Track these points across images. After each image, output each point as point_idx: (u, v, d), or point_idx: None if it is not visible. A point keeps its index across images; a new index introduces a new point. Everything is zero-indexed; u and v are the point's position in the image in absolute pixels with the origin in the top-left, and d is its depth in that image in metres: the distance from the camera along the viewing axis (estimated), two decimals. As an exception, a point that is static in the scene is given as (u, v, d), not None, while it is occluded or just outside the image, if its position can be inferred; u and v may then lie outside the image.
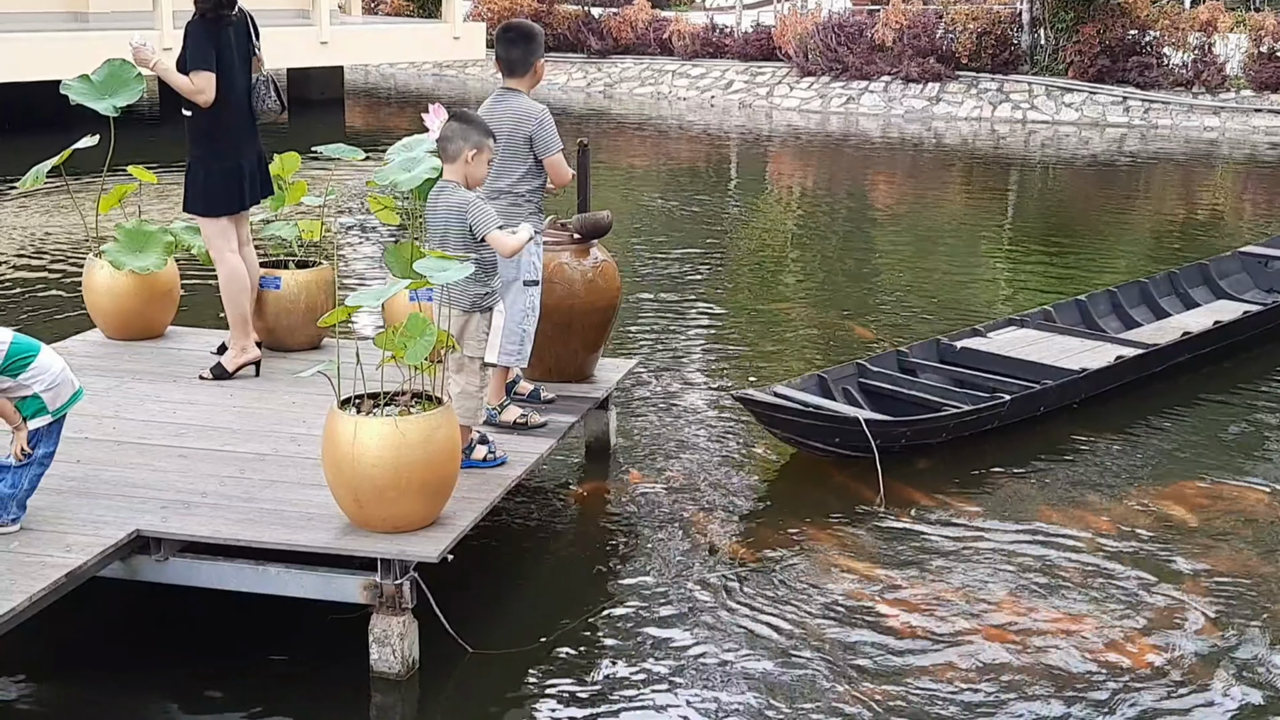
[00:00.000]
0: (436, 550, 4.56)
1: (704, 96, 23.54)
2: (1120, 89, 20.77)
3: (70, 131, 7.22)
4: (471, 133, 5.20)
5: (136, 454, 5.36)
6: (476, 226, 5.12)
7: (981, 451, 6.85)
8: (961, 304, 10.04)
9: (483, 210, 5.15)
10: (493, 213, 5.17)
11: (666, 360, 8.38)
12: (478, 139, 5.20)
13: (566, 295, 6.24)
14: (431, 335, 4.58)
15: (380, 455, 4.53)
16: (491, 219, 5.13)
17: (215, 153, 6.16)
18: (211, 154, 6.16)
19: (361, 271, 10.64)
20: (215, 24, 6.10)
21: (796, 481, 6.65)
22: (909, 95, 21.70)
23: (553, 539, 5.98)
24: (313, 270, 6.79)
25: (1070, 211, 14.96)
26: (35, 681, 4.66)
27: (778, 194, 15.91)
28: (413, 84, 26.81)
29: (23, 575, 4.29)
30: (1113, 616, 5.19)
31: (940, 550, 5.76)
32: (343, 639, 4.74)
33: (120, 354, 6.68)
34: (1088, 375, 7.49)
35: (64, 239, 11.74)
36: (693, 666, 4.79)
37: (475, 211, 5.14)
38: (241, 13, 6.21)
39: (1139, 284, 9.31)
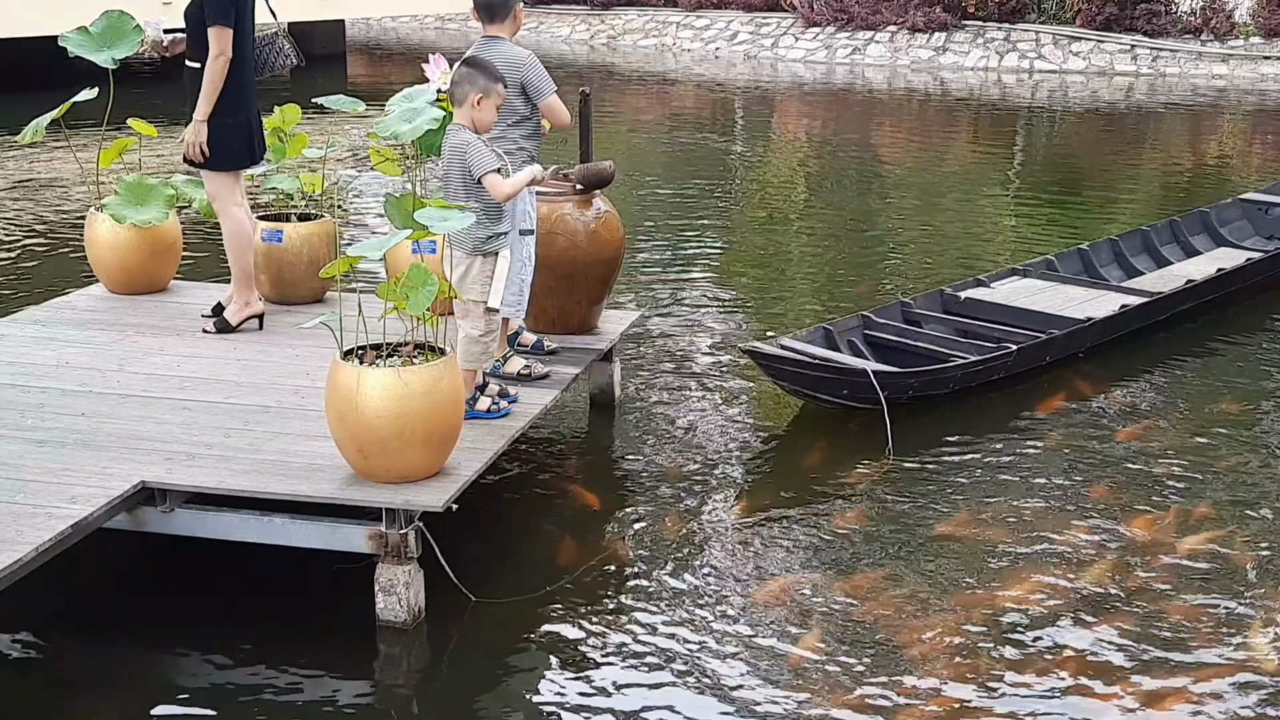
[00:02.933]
0: (441, 500, 4.58)
1: (708, 48, 23.38)
2: (1128, 37, 20.60)
3: (69, 85, 7.18)
4: (478, 78, 5.20)
5: (141, 407, 5.37)
6: (473, 168, 5.13)
7: (988, 402, 6.84)
8: (967, 254, 10.00)
9: (481, 151, 5.14)
10: (490, 155, 5.16)
11: (671, 311, 8.37)
12: (484, 84, 5.19)
13: (569, 246, 6.22)
14: (433, 286, 4.57)
15: (384, 406, 4.53)
16: (487, 161, 5.13)
17: (227, 107, 6.11)
18: (223, 108, 6.11)
19: (364, 223, 10.61)
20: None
21: (804, 433, 6.64)
22: (915, 45, 21.54)
23: (556, 489, 5.99)
24: (314, 223, 6.78)
25: (1077, 161, 14.88)
26: (41, 633, 4.68)
27: (783, 146, 15.83)
28: (414, 37, 26.65)
29: (29, 527, 4.31)
30: (1121, 565, 5.20)
31: (949, 500, 5.77)
32: (348, 589, 4.76)
33: (123, 308, 6.68)
34: (1093, 324, 7.47)
35: (65, 193, 11.72)
36: (696, 616, 4.81)
37: (473, 152, 5.15)
38: None
39: (1140, 232, 9.27)
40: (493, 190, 5.13)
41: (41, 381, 5.63)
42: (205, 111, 5.99)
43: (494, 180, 5.13)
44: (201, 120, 6.01)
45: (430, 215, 4.64)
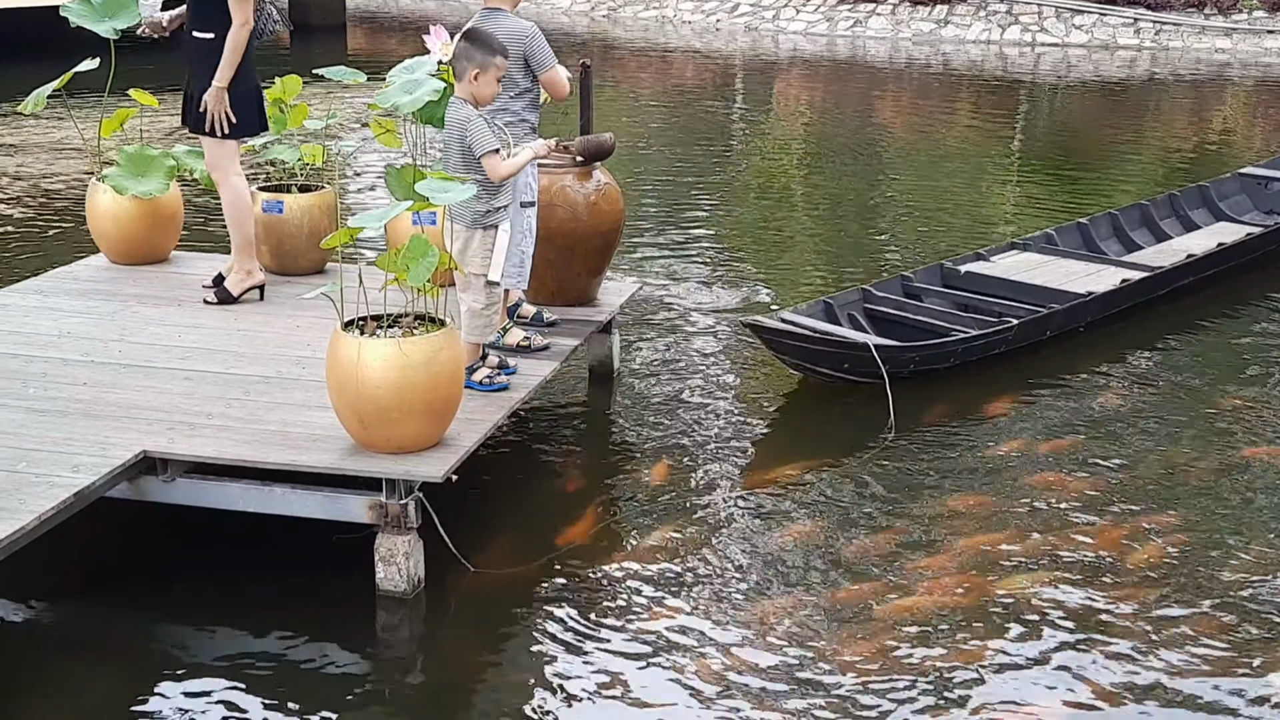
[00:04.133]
0: (441, 470, 4.60)
1: (709, 20, 23.30)
2: (1131, 10, 20.53)
3: (70, 55, 7.17)
4: (475, 52, 5.20)
5: (142, 376, 5.39)
6: (473, 147, 5.14)
7: (989, 376, 6.86)
8: (967, 227, 10.01)
9: (481, 130, 5.15)
10: (490, 135, 5.16)
11: (670, 284, 8.38)
12: (481, 58, 5.19)
13: (569, 218, 6.23)
14: (434, 257, 4.59)
15: (384, 376, 4.56)
16: (487, 141, 5.13)
17: (238, 75, 6.11)
18: (235, 77, 6.12)
19: (364, 194, 10.61)
20: None
21: (804, 407, 6.67)
22: (917, 18, 21.46)
23: (555, 460, 6.02)
24: (315, 194, 6.78)
25: (1078, 135, 14.86)
26: (43, 601, 4.72)
27: (783, 118, 15.80)
28: (415, 8, 26.55)
29: (31, 495, 4.33)
30: (1124, 538, 5.23)
31: (951, 475, 5.78)
32: (348, 559, 4.79)
33: (124, 278, 6.69)
34: (1094, 299, 7.48)
35: (66, 163, 11.71)
36: (693, 587, 4.84)
37: (473, 130, 5.15)
38: None
39: (1139, 206, 9.27)
40: (490, 171, 5.14)
41: (43, 351, 5.65)
42: (227, 79, 6.03)
43: (492, 161, 5.13)
44: (223, 87, 6.04)
45: (431, 187, 4.65)
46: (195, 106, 6.16)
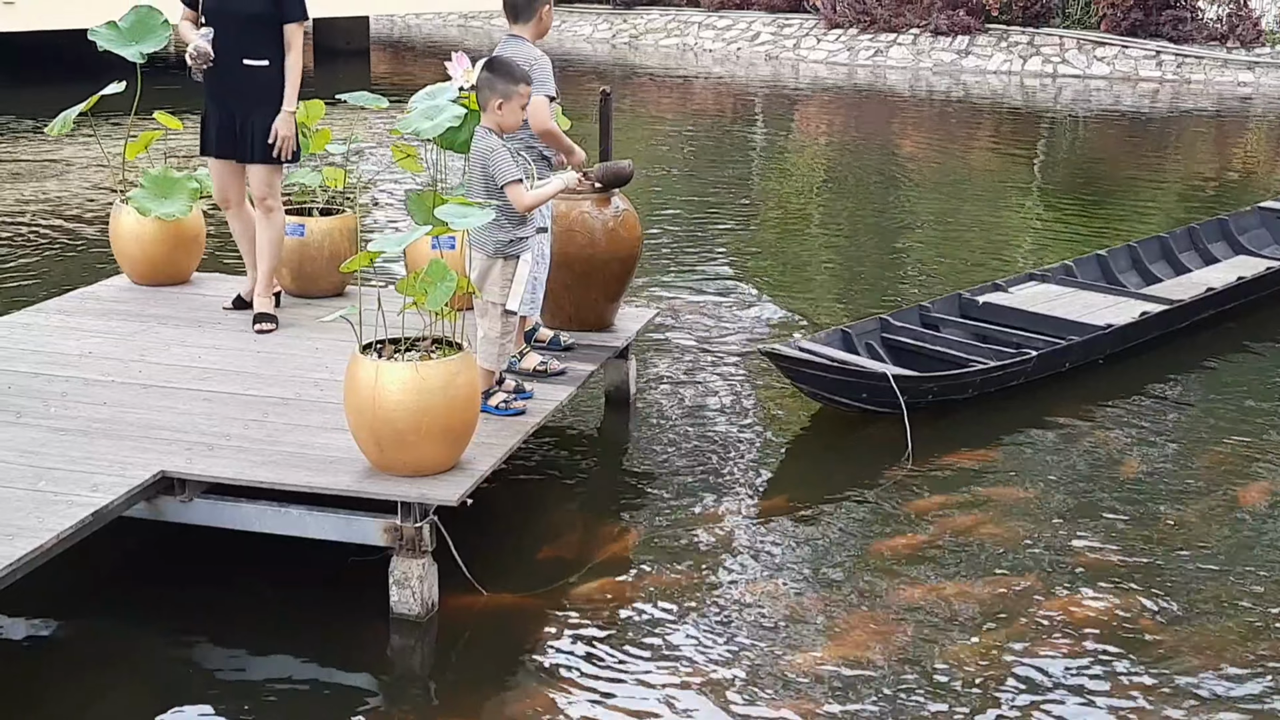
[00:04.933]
0: (456, 494, 4.62)
1: (730, 48, 23.40)
2: (1153, 43, 20.54)
3: (97, 79, 7.25)
4: (497, 81, 5.23)
5: (162, 397, 5.43)
6: (496, 176, 5.17)
7: (1007, 408, 6.84)
8: (985, 258, 10.01)
9: (504, 160, 5.18)
10: (513, 165, 5.20)
11: (688, 311, 8.40)
12: (503, 87, 5.22)
13: (587, 244, 6.26)
14: (452, 281, 4.62)
15: (401, 400, 4.58)
16: (510, 171, 5.16)
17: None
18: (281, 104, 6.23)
19: (385, 218, 10.67)
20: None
21: (822, 436, 6.66)
22: (938, 48, 21.52)
23: (570, 486, 6.04)
24: (336, 217, 6.83)
25: (1099, 167, 14.86)
26: (61, 619, 4.74)
27: (803, 147, 15.84)
28: (438, 34, 26.74)
29: (50, 514, 4.36)
30: (1139, 573, 5.21)
31: (968, 507, 5.76)
32: (363, 581, 4.80)
33: (146, 299, 6.74)
34: (1113, 331, 7.47)
35: (91, 185, 11.81)
36: (707, 616, 4.84)
37: (497, 160, 5.18)
38: None
39: (1159, 239, 9.26)
40: (514, 201, 5.17)
41: (65, 371, 5.70)
42: (294, 103, 6.17)
43: (516, 191, 5.17)
44: (293, 111, 6.18)
45: (450, 212, 4.68)
46: (250, 134, 6.16)
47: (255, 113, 6.15)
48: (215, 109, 6.21)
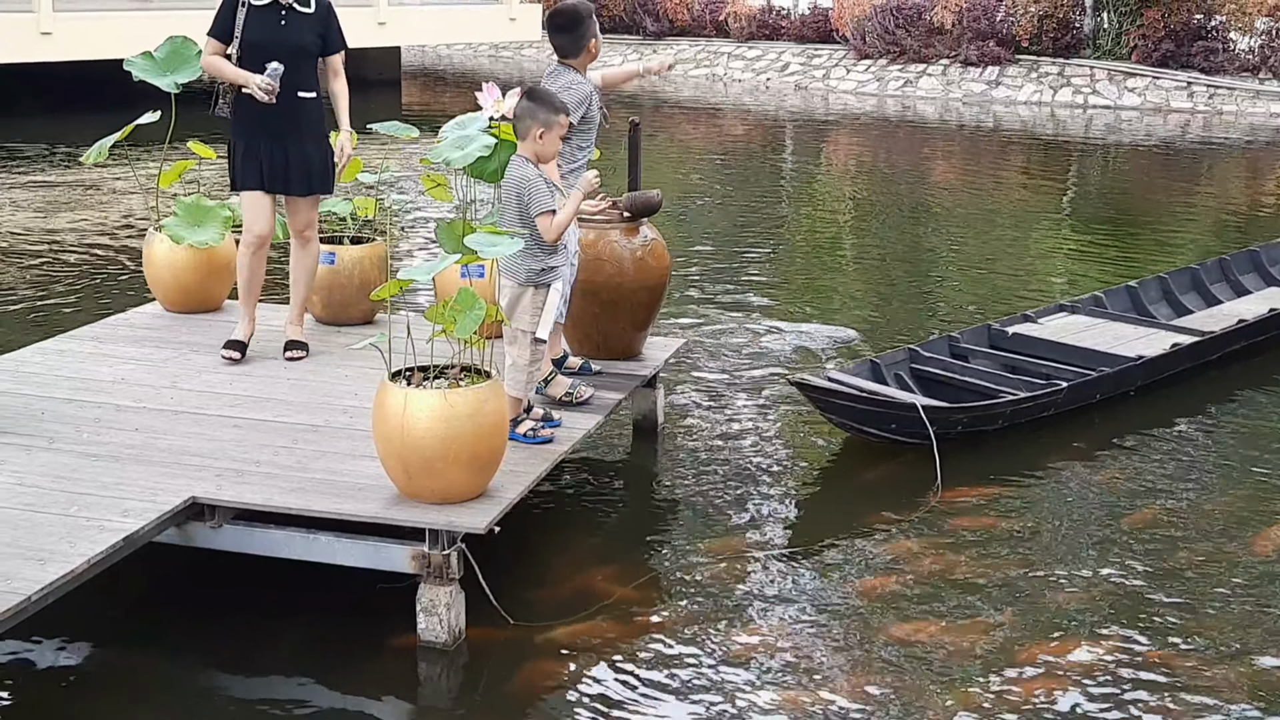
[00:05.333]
0: (484, 522, 4.63)
1: (759, 79, 23.48)
2: (1184, 74, 20.50)
3: (133, 108, 7.33)
4: (539, 111, 5.27)
5: (193, 423, 5.46)
6: (530, 205, 5.21)
7: (1037, 439, 6.81)
8: (1015, 289, 9.98)
9: (540, 191, 5.22)
10: (548, 196, 5.23)
11: (716, 340, 8.40)
12: (545, 117, 5.26)
13: (615, 273, 6.28)
14: (481, 309, 4.64)
15: (429, 427, 4.60)
16: (544, 201, 5.20)
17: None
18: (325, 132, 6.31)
19: (415, 247, 10.73)
20: None
21: (850, 466, 6.64)
22: (968, 79, 21.53)
23: (598, 514, 6.04)
24: (366, 246, 6.87)
25: (1129, 197, 14.81)
26: (88, 644, 4.76)
27: (833, 176, 15.86)
28: (469, 65, 26.92)
29: (82, 539, 4.40)
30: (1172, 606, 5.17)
31: (998, 540, 5.73)
32: (390, 609, 4.81)
33: (178, 326, 6.80)
34: (1144, 362, 7.43)
35: (126, 213, 11.93)
36: (733, 649, 4.82)
37: (533, 191, 5.22)
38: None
39: (1190, 270, 9.22)
40: (544, 231, 5.21)
41: (98, 397, 5.74)
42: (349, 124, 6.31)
43: (546, 222, 5.20)
44: (351, 131, 6.33)
45: (480, 240, 4.71)
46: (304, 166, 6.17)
47: (307, 144, 6.17)
48: (266, 142, 6.10)
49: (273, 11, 6.07)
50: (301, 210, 6.29)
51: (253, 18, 6.05)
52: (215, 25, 6.11)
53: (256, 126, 6.11)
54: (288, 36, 6.09)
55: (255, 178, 6.16)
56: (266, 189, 6.19)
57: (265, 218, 6.23)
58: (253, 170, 6.15)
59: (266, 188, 6.19)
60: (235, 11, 6.05)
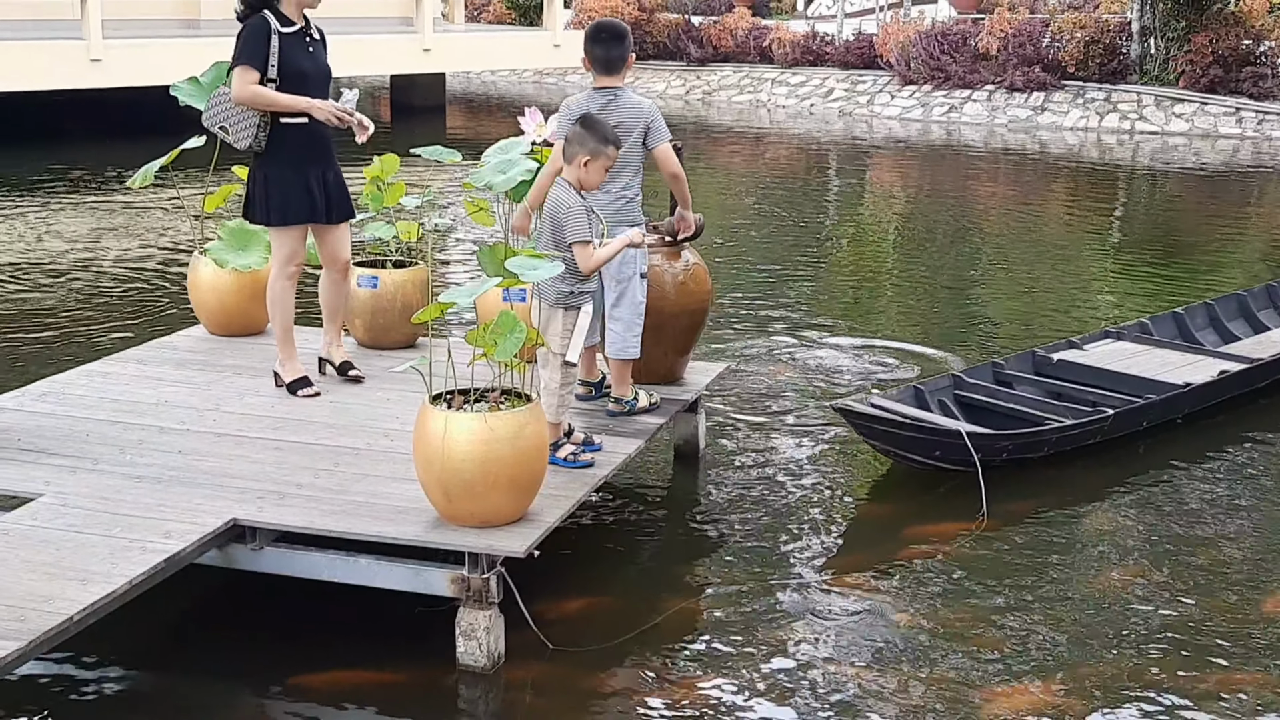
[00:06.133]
0: (523, 545, 4.61)
1: (803, 105, 23.47)
2: (1233, 100, 20.31)
3: (179, 133, 7.40)
4: (589, 139, 5.27)
5: (235, 446, 5.48)
6: (566, 232, 5.22)
7: (1083, 467, 6.73)
8: (1059, 315, 9.89)
9: (578, 218, 5.21)
10: (584, 224, 5.22)
11: (758, 365, 8.37)
12: (594, 146, 5.26)
13: (657, 297, 6.25)
14: (521, 333, 4.64)
15: (470, 450, 4.59)
16: (580, 231, 5.20)
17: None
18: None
19: (457, 271, 10.76)
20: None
21: (892, 494, 6.58)
22: (1013, 104, 21.43)
23: (638, 539, 6.01)
24: (409, 270, 6.89)
25: (1177, 224, 14.67)
26: (125, 666, 4.77)
27: (876, 202, 15.81)
28: (513, 91, 27.06)
29: (124, 560, 4.42)
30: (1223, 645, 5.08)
31: (1046, 569, 5.66)
32: (429, 632, 4.80)
33: (222, 349, 6.84)
34: (1191, 390, 7.33)
35: (171, 237, 12.04)
36: (773, 675, 4.77)
37: (571, 218, 5.22)
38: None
39: (1236, 297, 9.11)
40: (580, 259, 5.21)
41: (142, 419, 5.78)
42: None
43: (583, 251, 5.20)
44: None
45: (520, 264, 4.71)
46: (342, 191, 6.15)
47: (337, 169, 6.15)
48: (315, 172, 6.01)
49: (300, 38, 5.97)
50: (342, 237, 6.24)
51: (286, 46, 5.90)
52: (249, 55, 5.84)
53: (303, 157, 5.99)
54: (318, 63, 6.04)
55: (306, 210, 6.03)
56: (322, 219, 6.08)
57: (304, 247, 6.17)
58: (303, 202, 6.01)
59: (321, 218, 6.08)
60: (268, 40, 5.86)
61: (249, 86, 5.85)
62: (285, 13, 5.94)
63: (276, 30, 5.89)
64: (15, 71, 15.82)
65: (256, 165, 6.03)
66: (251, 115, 5.90)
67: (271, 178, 5.98)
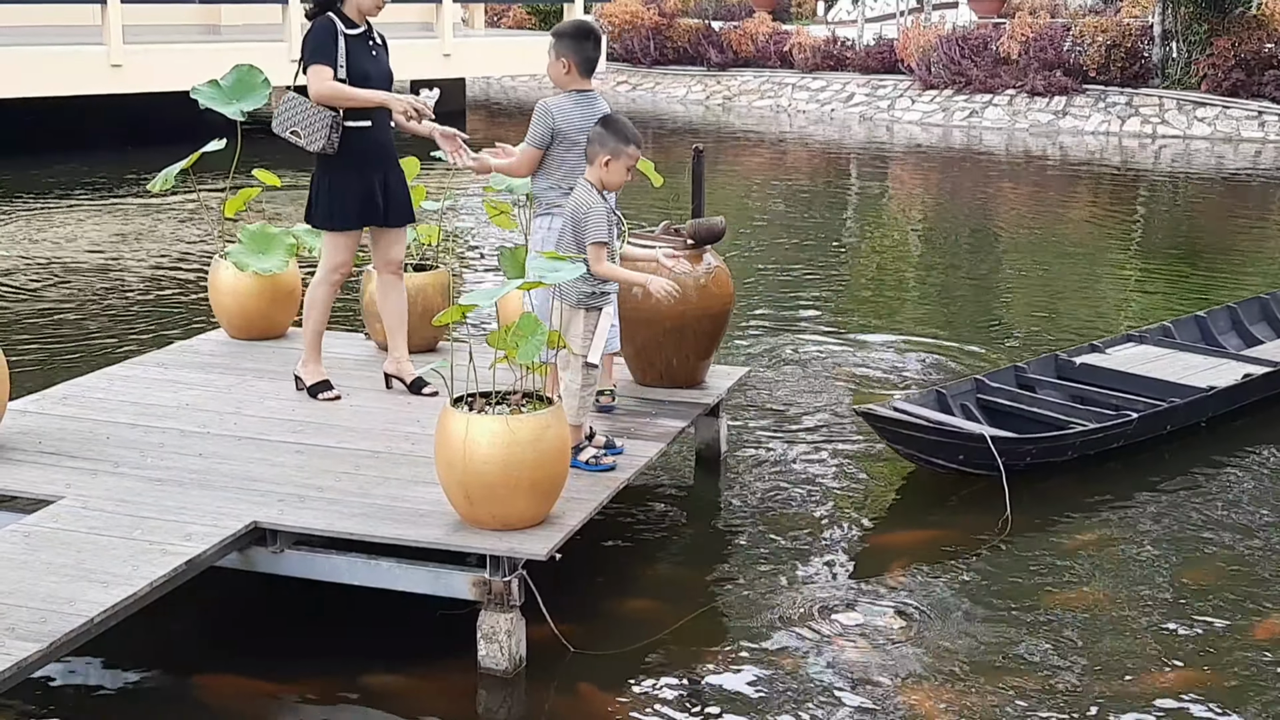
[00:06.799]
0: (545, 548, 4.59)
1: (824, 109, 23.42)
2: (1256, 103, 20.19)
3: (199, 139, 7.41)
4: (609, 139, 5.24)
5: (256, 449, 5.48)
6: (586, 232, 5.20)
7: (1107, 472, 6.68)
8: (1081, 318, 9.84)
9: (598, 220, 5.19)
10: (604, 227, 5.20)
11: (780, 368, 8.34)
12: (614, 146, 5.23)
13: (679, 301, 6.20)
14: (543, 335, 4.62)
15: (491, 453, 4.57)
16: (598, 232, 5.18)
17: None
18: None
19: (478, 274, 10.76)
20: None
21: (917, 498, 6.53)
22: (1034, 109, 21.35)
23: (658, 543, 5.98)
24: (429, 273, 6.88)
25: (1199, 228, 14.58)
26: (146, 668, 4.77)
27: (897, 206, 15.76)
28: (533, 96, 27.04)
29: (145, 562, 4.41)
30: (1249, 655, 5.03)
31: (1071, 575, 5.61)
32: (450, 635, 4.78)
33: (242, 353, 6.84)
34: (1216, 393, 7.28)
35: (191, 240, 12.06)
36: (794, 680, 4.74)
37: (591, 217, 5.21)
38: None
39: (1259, 300, 9.05)
40: (592, 260, 5.17)
41: (162, 422, 5.78)
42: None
43: (598, 253, 5.18)
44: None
45: (542, 266, 4.69)
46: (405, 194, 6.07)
47: (399, 172, 6.08)
48: (377, 175, 5.94)
49: (363, 41, 5.90)
50: (399, 241, 6.17)
51: (352, 47, 5.83)
52: (321, 54, 5.75)
53: (370, 159, 5.91)
54: (382, 66, 5.95)
55: (365, 215, 5.95)
56: (380, 222, 6.00)
57: (353, 255, 6.08)
58: (368, 206, 5.93)
59: (380, 220, 5.99)
60: (335, 40, 5.77)
61: (326, 83, 5.74)
62: (348, 15, 5.87)
63: (342, 32, 5.82)
64: (37, 77, 15.90)
65: (320, 169, 5.94)
66: (324, 118, 5.77)
67: (335, 183, 5.90)
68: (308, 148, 5.84)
